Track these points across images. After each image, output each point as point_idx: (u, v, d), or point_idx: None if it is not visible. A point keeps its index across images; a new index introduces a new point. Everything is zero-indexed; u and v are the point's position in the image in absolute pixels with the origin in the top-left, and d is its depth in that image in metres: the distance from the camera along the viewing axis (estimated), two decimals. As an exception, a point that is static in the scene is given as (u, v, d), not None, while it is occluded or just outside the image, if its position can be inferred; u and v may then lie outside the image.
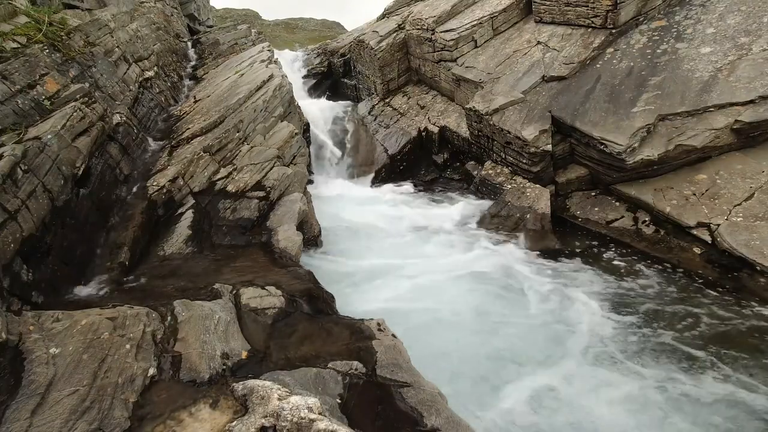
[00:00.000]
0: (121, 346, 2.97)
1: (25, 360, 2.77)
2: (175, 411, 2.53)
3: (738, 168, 5.41)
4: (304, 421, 2.16)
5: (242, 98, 7.26)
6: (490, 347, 4.23)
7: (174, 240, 5.14)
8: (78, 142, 4.80)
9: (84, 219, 4.62)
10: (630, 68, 6.45)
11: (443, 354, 4.13)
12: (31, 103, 4.87)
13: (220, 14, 24.07)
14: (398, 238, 6.42)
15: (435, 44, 8.96)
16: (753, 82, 5.41)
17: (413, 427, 2.75)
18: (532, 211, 6.29)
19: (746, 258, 4.69)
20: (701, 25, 6.39)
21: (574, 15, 7.43)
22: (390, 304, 4.85)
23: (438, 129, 8.69)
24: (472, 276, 5.37)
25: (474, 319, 4.64)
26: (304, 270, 4.72)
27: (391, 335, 3.54)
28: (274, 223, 5.57)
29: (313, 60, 13.27)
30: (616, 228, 5.84)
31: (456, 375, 3.90)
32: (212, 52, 11.89)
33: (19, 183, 3.89)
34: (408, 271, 5.48)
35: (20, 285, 3.62)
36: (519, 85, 7.21)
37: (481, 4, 9.12)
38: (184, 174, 5.81)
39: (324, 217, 6.56)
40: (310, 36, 24.48)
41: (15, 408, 2.47)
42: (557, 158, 6.60)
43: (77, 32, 6.41)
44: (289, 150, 6.96)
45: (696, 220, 5.22)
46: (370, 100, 10.72)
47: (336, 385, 2.96)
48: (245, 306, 3.73)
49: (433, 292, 5.08)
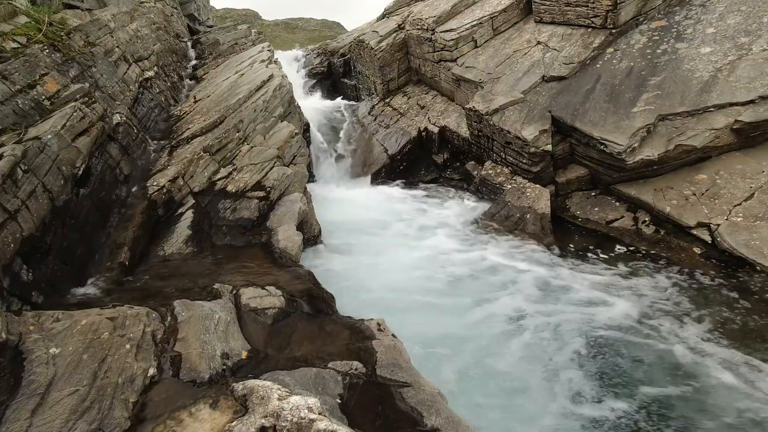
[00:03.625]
0: (121, 346, 2.97)
1: (25, 360, 2.77)
2: (175, 411, 2.53)
3: (738, 168, 5.41)
4: (304, 421, 2.16)
5: (242, 98, 7.26)
6: (492, 348, 4.24)
7: (174, 240, 5.14)
8: (78, 142, 4.80)
9: (84, 219, 4.62)
10: (630, 68, 6.45)
11: (441, 352, 4.14)
12: (31, 103, 4.87)
13: (220, 14, 24.07)
14: (398, 238, 6.42)
15: (435, 44, 8.96)
16: (753, 82, 5.41)
17: (413, 427, 2.75)
18: (532, 211, 6.29)
19: (746, 258, 4.69)
20: (701, 25, 6.39)
21: (574, 15, 7.43)
22: (390, 303, 4.84)
23: (438, 129, 8.69)
24: (472, 276, 5.37)
25: (474, 318, 4.64)
26: (304, 270, 4.72)
27: (391, 335, 3.54)
28: (274, 223, 5.57)
29: (313, 60, 13.27)
30: (616, 228, 5.84)
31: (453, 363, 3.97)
32: (212, 52, 11.89)
33: (19, 183, 3.89)
34: (407, 269, 5.48)
35: (20, 285, 3.61)
36: (519, 85, 7.21)
37: (481, 4, 9.12)
38: (184, 174, 5.81)
39: (324, 216, 6.56)
40: (310, 36, 24.48)
41: (15, 408, 2.47)
42: (557, 158, 6.60)
43: (77, 32, 6.41)
44: (289, 150, 6.97)
45: (696, 220, 5.21)
46: (370, 100, 10.72)
47: (336, 385, 2.96)
48: (245, 306, 3.73)
49: (433, 290, 5.08)
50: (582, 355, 4.07)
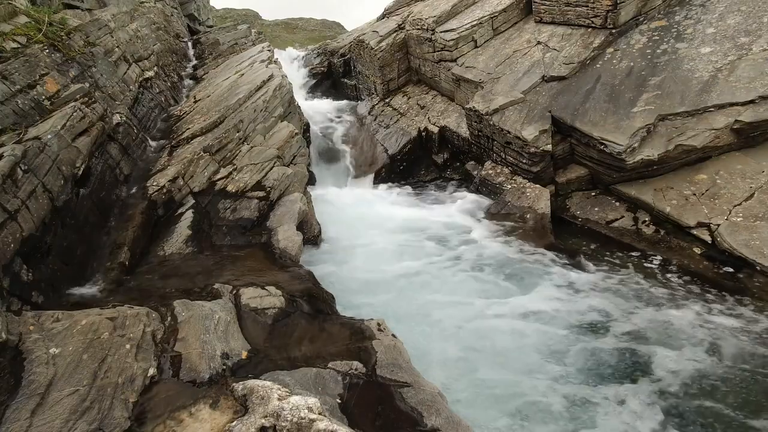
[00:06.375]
0: (121, 346, 2.97)
1: (25, 360, 2.77)
2: (175, 411, 2.53)
3: (738, 168, 5.41)
4: (304, 421, 2.16)
5: (242, 98, 7.26)
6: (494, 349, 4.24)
7: (174, 240, 5.14)
8: (78, 142, 4.80)
9: (84, 219, 4.62)
10: (630, 68, 6.45)
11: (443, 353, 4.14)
12: (31, 103, 4.88)
13: (220, 14, 24.08)
14: (398, 238, 6.42)
15: (435, 44, 8.96)
16: (753, 82, 5.41)
17: (413, 427, 2.75)
18: (532, 211, 6.29)
19: (746, 258, 4.69)
20: (701, 25, 6.39)
21: (574, 15, 7.43)
22: (390, 303, 4.85)
23: (438, 129, 8.69)
24: (472, 276, 5.37)
25: (472, 318, 4.64)
26: (304, 270, 4.72)
27: (391, 335, 3.54)
28: (274, 223, 5.57)
29: (313, 60, 13.27)
30: (616, 228, 5.84)
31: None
32: (212, 52, 11.89)
33: (19, 183, 3.89)
34: (408, 270, 5.48)
35: (20, 285, 3.62)
36: (519, 85, 7.21)
37: (481, 4, 9.12)
38: (184, 174, 5.81)
39: (324, 217, 6.56)
40: (310, 36, 24.46)
41: (15, 408, 2.47)
42: (557, 158, 6.60)
43: (77, 32, 6.41)
44: (289, 150, 6.96)
45: (696, 220, 5.21)
46: (370, 100, 10.71)
47: (336, 385, 2.96)
48: (245, 306, 3.73)
49: (433, 290, 5.08)
50: (582, 354, 4.08)
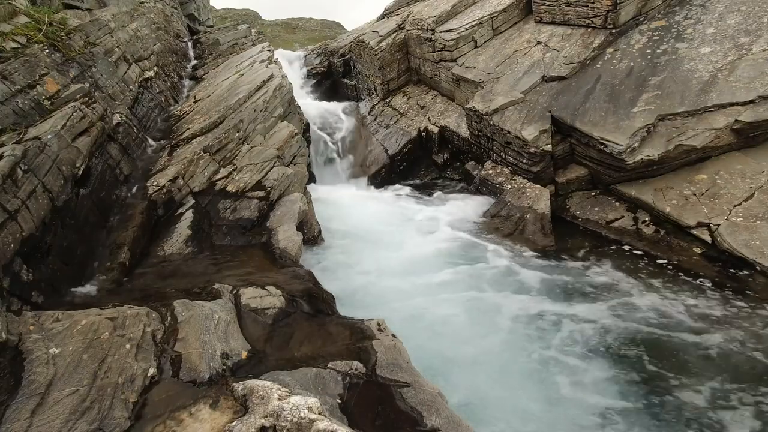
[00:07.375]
0: (121, 346, 2.97)
1: (25, 360, 2.77)
2: (175, 411, 2.53)
3: (738, 168, 5.41)
4: (304, 421, 2.16)
5: (242, 98, 7.26)
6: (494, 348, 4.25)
7: (174, 240, 5.14)
8: (78, 142, 4.80)
9: (84, 219, 4.62)
10: (630, 68, 6.45)
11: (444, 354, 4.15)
12: (31, 103, 4.87)
13: (220, 14, 24.09)
14: (398, 237, 6.42)
15: (435, 44, 8.96)
16: (753, 82, 5.41)
17: (413, 427, 2.75)
18: (532, 211, 6.29)
19: (746, 258, 4.69)
20: (701, 25, 6.39)
21: (574, 15, 7.43)
22: (390, 303, 4.84)
23: (438, 129, 8.69)
24: (473, 275, 5.36)
25: (472, 316, 4.64)
26: (304, 270, 4.72)
27: (391, 335, 3.54)
28: (274, 223, 5.57)
29: (313, 60, 13.26)
30: (616, 228, 5.84)
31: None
32: (212, 52, 11.88)
33: (19, 183, 3.88)
34: (408, 270, 5.48)
35: (20, 285, 3.61)
36: (519, 85, 7.21)
37: (481, 4, 9.12)
38: (184, 174, 5.81)
39: (324, 216, 6.56)
40: (310, 36, 24.48)
41: (15, 408, 2.47)
42: (557, 158, 6.60)
43: (77, 32, 6.41)
44: (289, 150, 6.96)
45: (696, 220, 5.22)
46: (370, 100, 10.72)
47: (336, 385, 2.96)
48: (245, 306, 3.73)
49: (433, 289, 5.08)
50: (581, 354, 4.08)
